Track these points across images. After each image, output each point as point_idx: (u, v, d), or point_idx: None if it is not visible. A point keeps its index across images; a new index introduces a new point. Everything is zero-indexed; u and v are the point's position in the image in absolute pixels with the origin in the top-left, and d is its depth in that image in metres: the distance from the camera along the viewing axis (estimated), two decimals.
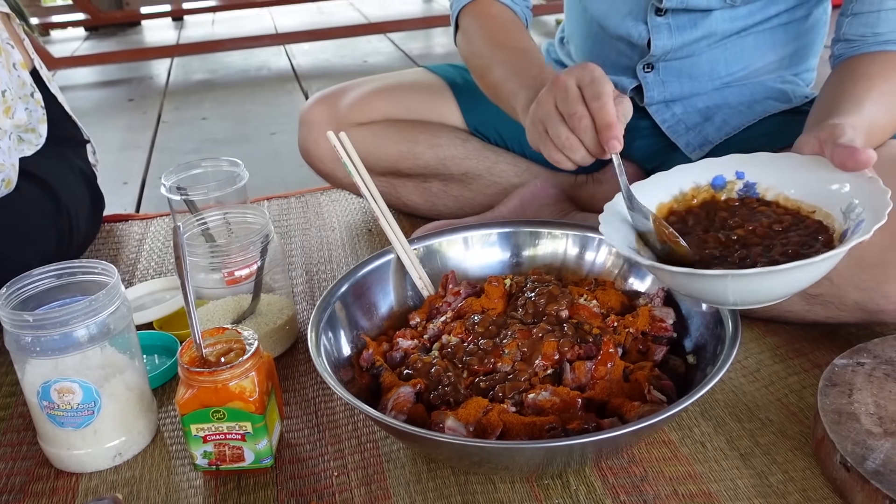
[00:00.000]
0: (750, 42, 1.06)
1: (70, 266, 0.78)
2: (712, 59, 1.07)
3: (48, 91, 1.22)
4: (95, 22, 3.80)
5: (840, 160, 0.70)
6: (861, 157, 0.68)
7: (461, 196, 1.26)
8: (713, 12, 1.02)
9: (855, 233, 0.65)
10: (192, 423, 0.72)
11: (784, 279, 0.65)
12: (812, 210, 0.73)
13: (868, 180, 0.69)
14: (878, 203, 0.65)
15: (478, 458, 0.69)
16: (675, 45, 1.05)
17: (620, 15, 1.08)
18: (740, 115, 1.06)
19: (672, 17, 1.03)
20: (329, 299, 0.83)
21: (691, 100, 1.10)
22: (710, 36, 1.04)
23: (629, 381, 0.75)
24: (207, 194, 1.05)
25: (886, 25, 0.88)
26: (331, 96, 1.27)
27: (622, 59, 1.12)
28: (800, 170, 0.74)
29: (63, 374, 0.73)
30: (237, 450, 0.74)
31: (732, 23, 1.03)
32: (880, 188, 0.67)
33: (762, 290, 0.66)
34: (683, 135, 1.08)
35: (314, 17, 3.97)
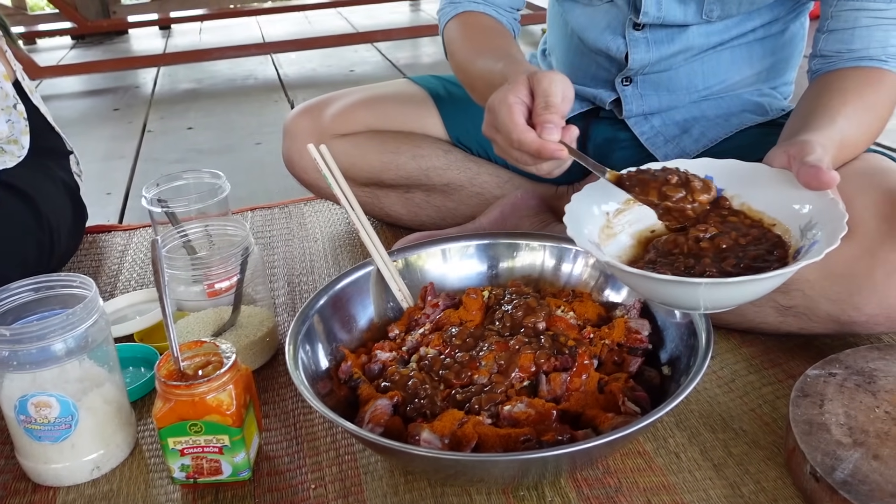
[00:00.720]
0: (727, 56, 1.07)
1: (48, 279, 0.78)
2: (690, 72, 1.08)
3: (30, 102, 1.23)
4: (82, 30, 3.80)
5: (805, 179, 0.71)
6: (824, 178, 0.69)
7: (443, 206, 1.27)
8: (690, 27, 1.03)
9: (808, 252, 0.66)
10: (169, 437, 0.72)
11: (727, 292, 0.66)
12: (773, 223, 0.74)
13: (829, 201, 0.70)
14: (835, 226, 0.66)
15: (453, 471, 0.69)
16: (653, 59, 1.06)
17: (599, 28, 1.09)
18: (717, 128, 1.07)
19: (650, 31, 1.04)
20: (308, 312, 0.83)
21: (669, 112, 1.11)
22: (686, 50, 1.05)
23: (604, 393, 0.75)
24: (189, 206, 1.06)
25: (860, 42, 0.90)
26: (314, 107, 1.28)
27: (601, 72, 1.13)
28: (766, 182, 0.76)
29: (41, 387, 0.73)
30: (215, 463, 0.74)
31: (708, 38, 1.04)
32: (839, 211, 0.68)
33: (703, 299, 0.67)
34: (662, 147, 1.10)
35: (301, 27, 3.98)
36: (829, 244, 0.64)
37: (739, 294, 0.68)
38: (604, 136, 1.17)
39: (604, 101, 1.13)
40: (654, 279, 0.66)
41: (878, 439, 0.70)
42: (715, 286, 0.65)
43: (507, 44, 1.01)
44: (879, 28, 0.90)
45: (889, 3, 0.89)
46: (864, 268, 0.81)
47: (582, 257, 0.92)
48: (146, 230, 1.39)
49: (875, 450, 0.69)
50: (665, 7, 1.01)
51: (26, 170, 1.16)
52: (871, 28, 0.90)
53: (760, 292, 0.68)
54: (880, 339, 0.92)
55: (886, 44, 0.90)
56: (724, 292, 0.66)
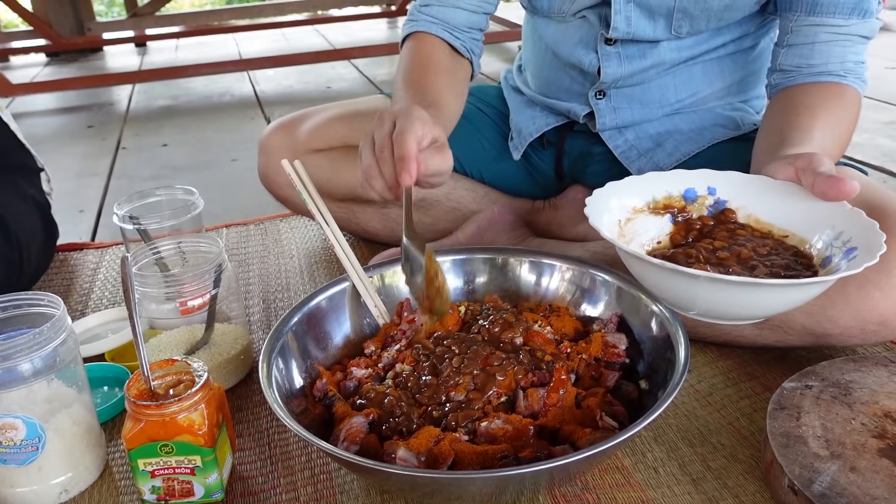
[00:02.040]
0: (698, 70, 1.08)
1: (15, 298, 0.76)
2: (662, 86, 1.09)
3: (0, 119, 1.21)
4: (56, 48, 3.77)
5: (822, 190, 0.71)
6: (846, 188, 0.70)
7: (420, 222, 1.27)
8: (661, 43, 1.04)
9: (845, 259, 0.67)
10: (139, 458, 0.71)
11: (773, 296, 0.65)
12: (784, 235, 0.74)
13: (850, 211, 0.71)
14: (871, 240, 0.67)
15: (429, 489, 0.68)
16: (625, 73, 1.06)
17: (572, 43, 1.09)
18: (690, 142, 1.08)
19: (621, 46, 1.05)
20: (282, 329, 0.82)
21: (643, 126, 1.12)
22: (658, 65, 1.06)
23: (581, 408, 0.75)
24: (162, 223, 1.04)
25: (820, 57, 0.92)
26: (289, 123, 1.27)
27: (575, 85, 1.14)
28: (772, 194, 0.76)
29: (7, 409, 0.71)
30: (186, 484, 0.72)
31: (679, 52, 1.05)
32: (867, 220, 0.69)
33: (742, 304, 0.66)
34: (636, 161, 1.10)
35: (278, 44, 3.98)
36: (869, 257, 0.64)
37: (785, 300, 0.66)
38: (578, 150, 1.18)
39: (577, 114, 1.13)
40: (704, 278, 0.64)
41: (854, 451, 0.70)
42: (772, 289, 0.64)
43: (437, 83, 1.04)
44: (837, 44, 0.92)
45: (847, 20, 0.91)
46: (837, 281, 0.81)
47: (559, 272, 0.92)
48: (119, 248, 1.37)
49: (852, 462, 0.69)
50: (634, 23, 1.02)
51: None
52: (829, 44, 0.92)
53: (804, 299, 0.67)
54: (855, 351, 0.93)
55: (844, 59, 0.92)
56: (775, 296, 0.65)
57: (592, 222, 0.73)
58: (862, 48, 0.94)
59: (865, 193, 0.86)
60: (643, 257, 0.68)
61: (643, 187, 0.82)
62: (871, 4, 0.91)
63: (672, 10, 1.00)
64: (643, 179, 0.82)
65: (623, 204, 0.80)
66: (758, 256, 0.72)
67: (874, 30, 0.93)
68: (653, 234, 0.80)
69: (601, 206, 0.77)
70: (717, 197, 0.80)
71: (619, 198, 0.80)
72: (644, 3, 1.00)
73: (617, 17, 1.01)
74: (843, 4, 0.91)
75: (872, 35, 0.93)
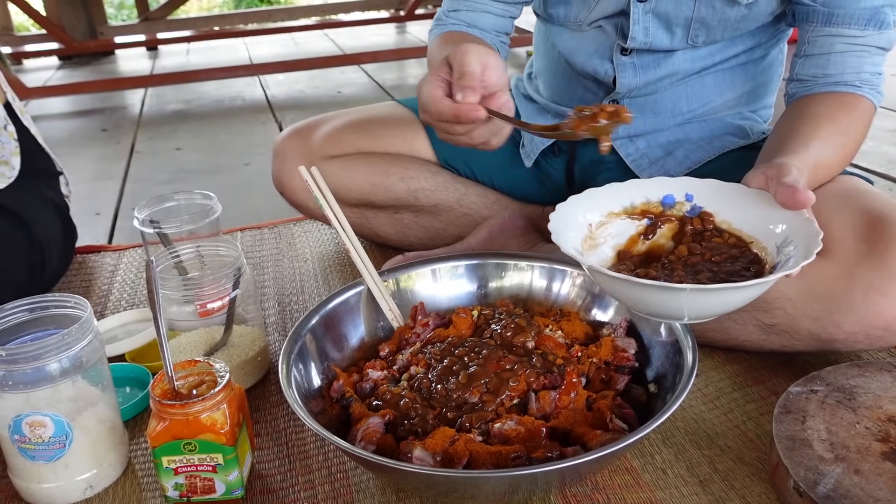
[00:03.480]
0: (710, 80, 1.10)
1: (42, 300, 0.79)
2: (674, 95, 1.11)
3: (21, 123, 1.23)
4: (69, 51, 3.81)
5: (782, 198, 0.75)
6: (800, 198, 0.73)
7: (432, 227, 1.29)
8: (676, 53, 1.06)
9: (783, 267, 0.70)
10: (163, 455, 0.73)
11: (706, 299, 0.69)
12: (751, 241, 0.78)
13: (804, 220, 0.74)
14: (810, 242, 0.70)
15: (445, 488, 0.70)
16: (640, 84, 1.08)
17: (587, 53, 1.11)
18: (700, 151, 1.10)
19: (637, 56, 1.07)
20: (300, 331, 0.84)
21: (654, 135, 1.13)
22: (672, 75, 1.08)
23: (592, 410, 0.77)
24: (180, 227, 1.07)
25: (835, 67, 0.94)
26: (304, 129, 1.29)
27: (588, 95, 1.16)
28: (744, 201, 0.79)
29: (35, 407, 0.73)
30: (208, 481, 0.75)
31: (693, 63, 1.07)
32: (814, 229, 0.72)
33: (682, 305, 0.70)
34: (646, 169, 1.12)
35: (288, 48, 4.01)
36: (804, 258, 0.68)
37: (720, 303, 0.70)
38: (590, 157, 1.20)
39: None
40: (638, 285, 0.69)
41: (858, 454, 0.72)
42: (698, 293, 0.68)
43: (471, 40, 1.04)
44: (853, 54, 0.94)
45: (863, 31, 0.93)
46: (842, 287, 0.83)
47: (569, 277, 0.94)
48: (136, 250, 1.39)
49: (856, 465, 0.70)
50: (652, 34, 1.03)
51: (17, 191, 1.17)
52: (845, 54, 0.94)
53: (739, 302, 0.71)
54: (860, 356, 0.94)
55: (860, 70, 0.94)
56: (705, 300, 0.69)
57: (555, 238, 0.75)
58: (880, 59, 0.95)
59: (868, 202, 0.88)
60: (592, 267, 0.72)
61: (621, 193, 0.85)
62: (888, 16, 0.93)
63: (690, 21, 1.02)
64: (622, 187, 0.85)
65: (589, 217, 0.82)
66: (707, 262, 0.76)
67: (891, 41, 0.95)
68: (630, 234, 0.83)
69: (566, 220, 0.80)
70: (694, 203, 0.83)
71: (584, 213, 0.82)
72: (662, 14, 1.02)
73: (635, 28, 1.03)
74: (858, 16, 0.92)
75: (890, 46, 0.95)
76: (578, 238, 0.80)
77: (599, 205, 0.83)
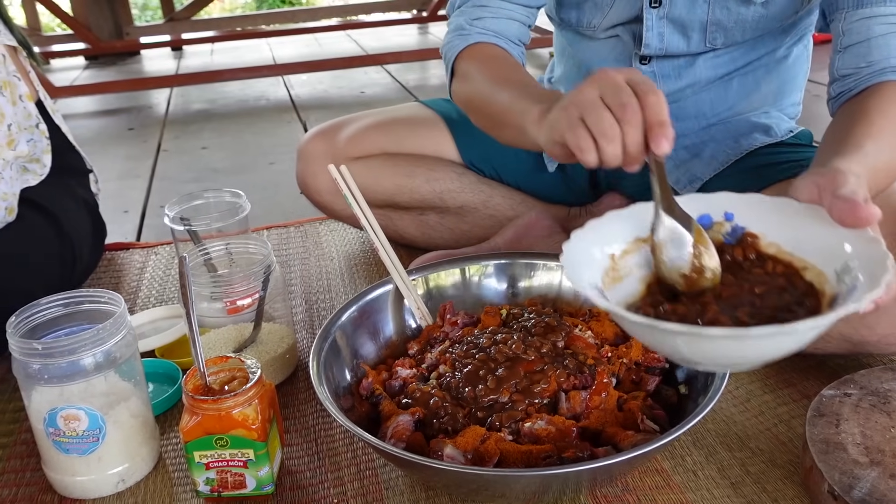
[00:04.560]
0: (734, 85, 1.09)
1: (77, 295, 0.80)
2: (698, 101, 1.10)
3: (52, 121, 1.25)
4: (95, 51, 3.85)
5: (839, 214, 0.60)
6: (862, 214, 0.59)
7: (457, 228, 1.29)
8: (697, 60, 1.04)
9: (848, 299, 0.57)
10: (195, 450, 0.74)
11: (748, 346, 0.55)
12: (803, 267, 0.64)
13: (869, 240, 0.59)
14: (876, 268, 0.56)
15: (475, 486, 0.70)
16: None
17: (605, 62, 1.10)
18: (727, 150, 1.08)
19: (657, 64, 1.06)
20: (330, 329, 0.85)
21: (679, 138, 1.12)
22: (694, 84, 1.07)
23: (623, 411, 0.77)
24: (210, 225, 1.07)
25: (878, 53, 0.86)
26: (328, 130, 1.29)
27: None
28: (794, 219, 0.65)
29: (69, 401, 0.74)
30: (239, 477, 0.75)
31: (715, 70, 1.06)
32: (881, 251, 0.57)
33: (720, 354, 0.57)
34: (672, 172, 1.11)
35: (312, 49, 4.02)
36: (871, 287, 0.54)
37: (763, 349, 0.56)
38: None
39: None
40: (660, 330, 0.55)
41: (894, 459, 0.71)
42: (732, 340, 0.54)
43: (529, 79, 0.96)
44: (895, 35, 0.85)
45: None
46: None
47: None
48: (164, 248, 1.41)
49: (892, 469, 0.70)
50: (667, 39, 1.02)
51: (48, 188, 1.18)
52: (886, 36, 0.85)
53: (789, 348, 0.56)
54: (892, 360, 0.93)
55: None
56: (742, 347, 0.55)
57: (569, 277, 0.62)
58: None
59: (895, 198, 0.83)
60: (611, 310, 0.58)
61: (648, 215, 0.68)
62: None
63: (706, 24, 1.01)
64: (647, 207, 0.69)
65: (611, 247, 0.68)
66: (749, 294, 0.63)
67: None
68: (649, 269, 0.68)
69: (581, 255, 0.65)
70: (735, 223, 0.68)
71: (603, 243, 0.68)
72: (677, 19, 1.01)
73: (649, 34, 1.02)
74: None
75: None
76: (598, 272, 0.66)
77: (622, 230, 0.69)
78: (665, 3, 1.01)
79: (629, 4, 1.05)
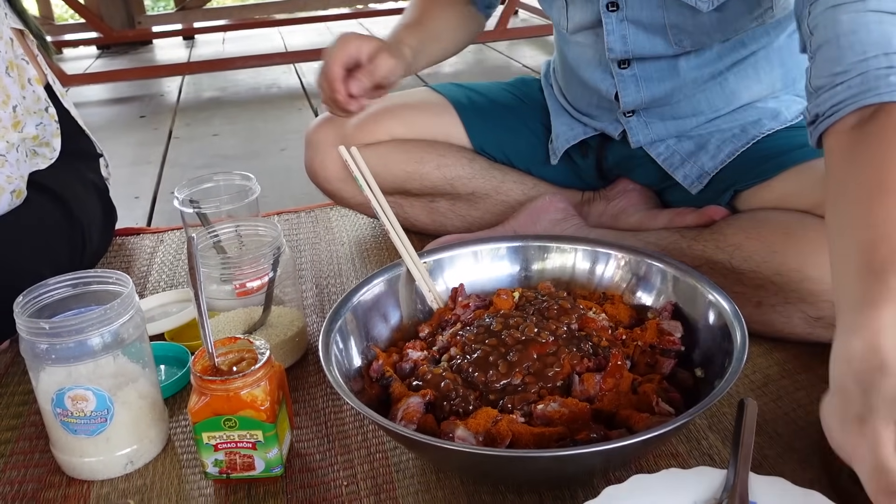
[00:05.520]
0: (730, 81, 1.05)
1: (85, 276, 0.79)
2: (693, 102, 1.07)
3: (62, 105, 1.24)
4: (108, 40, 3.85)
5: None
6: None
7: (468, 215, 1.27)
8: (678, 62, 1.01)
9: None
10: (203, 431, 0.73)
11: None
12: None
13: None
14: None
15: (487, 468, 0.69)
16: (645, 99, 1.04)
17: (591, 66, 1.08)
18: (735, 140, 1.05)
19: (638, 67, 1.03)
20: (340, 311, 0.83)
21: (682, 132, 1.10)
22: (682, 86, 1.03)
23: (637, 394, 0.75)
24: (219, 208, 1.07)
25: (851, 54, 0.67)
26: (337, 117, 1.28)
27: (604, 102, 1.12)
28: None
29: (76, 381, 0.74)
30: (248, 458, 0.74)
31: (701, 70, 1.02)
32: None
33: None
34: (680, 167, 1.08)
35: (323, 37, 4.01)
36: None
37: None
38: (620, 154, 1.17)
39: (611, 133, 1.13)
40: None
41: None
42: None
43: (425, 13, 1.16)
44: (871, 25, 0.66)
45: None
46: None
47: (613, 260, 0.92)
48: (175, 233, 1.40)
49: None
50: (632, 41, 1.00)
51: (57, 171, 1.17)
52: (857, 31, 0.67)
53: None
54: None
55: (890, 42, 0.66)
56: None
57: None
58: None
59: None
60: None
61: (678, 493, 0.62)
62: None
63: (665, 27, 0.98)
64: (652, 482, 0.63)
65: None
66: None
67: None
68: None
69: None
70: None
71: None
72: (637, 21, 0.99)
73: (610, 38, 1.00)
74: None
75: None
76: None
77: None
78: (622, 5, 0.99)
79: (586, 8, 1.03)
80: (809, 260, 0.85)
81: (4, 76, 1.06)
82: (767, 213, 0.94)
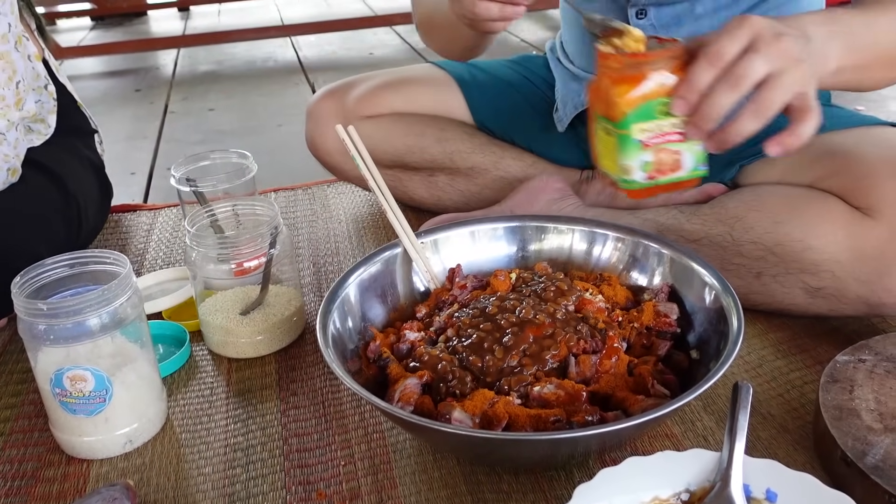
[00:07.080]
0: None
1: (82, 255, 0.79)
2: None
3: (58, 81, 1.23)
4: (101, 11, 3.82)
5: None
6: None
7: (467, 190, 1.27)
8: (695, 7, 1.00)
9: None
10: (636, 122, 0.64)
11: None
12: None
13: None
14: None
15: (483, 450, 0.70)
16: None
17: None
18: None
19: (655, 14, 1.02)
20: (337, 291, 0.83)
21: None
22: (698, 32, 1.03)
23: (633, 376, 0.76)
24: (216, 186, 1.06)
25: None
26: (338, 90, 1.28)
27: None
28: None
29: (75, 361, 0.74)
30: (675, 154, 0.65)
31: (717, 13, 1.01)
32: None
33: None
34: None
35: (320, 9, 3.97)
36: None
37: None
38: None
39: None
40: None
41: None
42: None
43: None
44: None
45: None
46: (893, 249, 0.80)
47: (610, 241, 0.92)
48: (171, 210, 1.40)
49: None
50: None
51: (53, 148, 1.17)
52: None
53: None
54: None
55: None
56: None
57: None
58: None
59: None
60: None
61: (673, 471, 0.63)
62: None
63: None
64: (674, 459, 0.63)
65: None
66: None
67: None
68: None
69: None
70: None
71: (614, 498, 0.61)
72: None
73: None
74: None
75: None
76: None
77: (638, 487, 0.61)
78: None
79: None
80: (813, 231, 0.85)
81: (13, 51, 1.05)
82: (770, 187, 0.95)
